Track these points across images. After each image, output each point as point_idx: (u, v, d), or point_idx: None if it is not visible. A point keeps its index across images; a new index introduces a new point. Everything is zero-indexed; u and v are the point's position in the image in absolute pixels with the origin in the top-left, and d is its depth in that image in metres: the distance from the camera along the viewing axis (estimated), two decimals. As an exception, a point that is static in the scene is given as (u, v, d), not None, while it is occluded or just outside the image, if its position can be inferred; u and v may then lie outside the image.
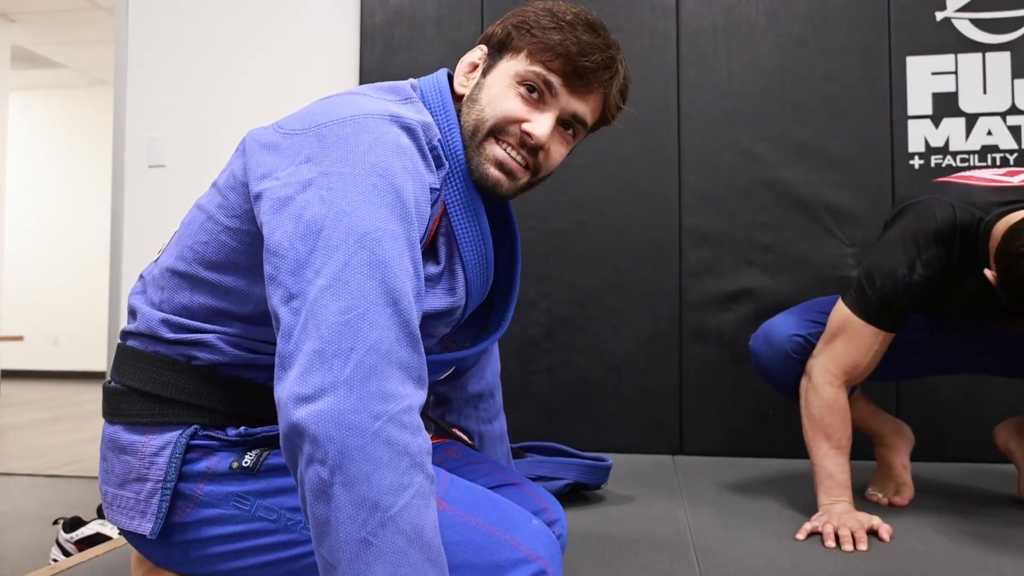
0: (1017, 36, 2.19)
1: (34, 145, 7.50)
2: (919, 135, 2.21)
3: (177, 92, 2.69)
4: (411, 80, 1.01)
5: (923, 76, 2.22)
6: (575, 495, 1.68)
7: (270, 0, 2.65)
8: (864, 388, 1.69)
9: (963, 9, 2.21)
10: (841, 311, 1.46)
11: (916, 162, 2.20)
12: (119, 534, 1.71)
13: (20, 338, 5.34)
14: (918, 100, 2.22)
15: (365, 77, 2.50)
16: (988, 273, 1.29)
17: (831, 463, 1.43)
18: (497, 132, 0.96)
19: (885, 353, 1.47)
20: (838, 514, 1.37)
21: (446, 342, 1.08)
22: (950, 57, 2.21)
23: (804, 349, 1.55)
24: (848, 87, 2.25)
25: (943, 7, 2.22)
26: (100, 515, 1.80)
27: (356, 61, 2.53)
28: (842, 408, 1.45)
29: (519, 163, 0.97)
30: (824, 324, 1.52)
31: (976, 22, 2.21)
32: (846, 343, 1.44)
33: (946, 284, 1.41)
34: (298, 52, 2.61)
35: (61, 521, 1.77)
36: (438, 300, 0.95)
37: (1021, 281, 1.21)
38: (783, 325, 1.61)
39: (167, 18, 2.71)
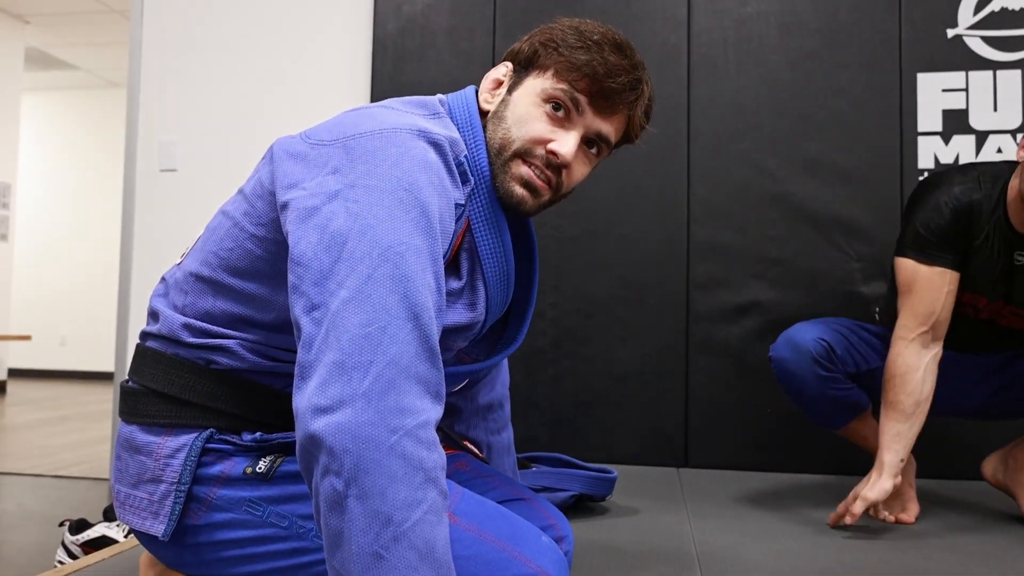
0: (1027, 54, 2.19)
1: (46, 145, 7.55)
2: (929, 152, 2.21)
3: (189, 97, 2.71)
4: (439, 95, 1.02)
5: (934, 93, 2.22)
6: (580, 506, 1.68)
7: (284, 8, 2.67)
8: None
9: (974, 27, 2.22)
10: (906, 267, 1.53)
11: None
12: (126, 536, 1.72)
13: (28, 337, 5.37)
14: (928, 117, 2.22)
15: (377, 85, 2.51)
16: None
17: (882, 424, 1.52)
18: (524, 154, 0.96)
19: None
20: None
21: (461, 355, 1.09)
22: (961, 74, 2.21)
23: (829, 356, 1.59)
24: (858, 103, 2.25)
25: (954, 24, 2.23)
26: (106, 517, 1.81)
27: (368, 69, 2.55)
28: (905, 365, 1.49)
29: (543, 181, 0.97)
30: (845, 337, 1.60)
31: (987, 40, 2.21)
32: (919, 294, 1.50)
33: (978, 220, 1.49)
34: (311, 59, 2.63)
35: (67, 523, 1.78)
36: (459, 315, 0.95)
37: None
38: (807, 331, 1.64)
39: (181, 23, 2.74)
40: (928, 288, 1.50)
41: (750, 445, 2.24)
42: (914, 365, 1.50)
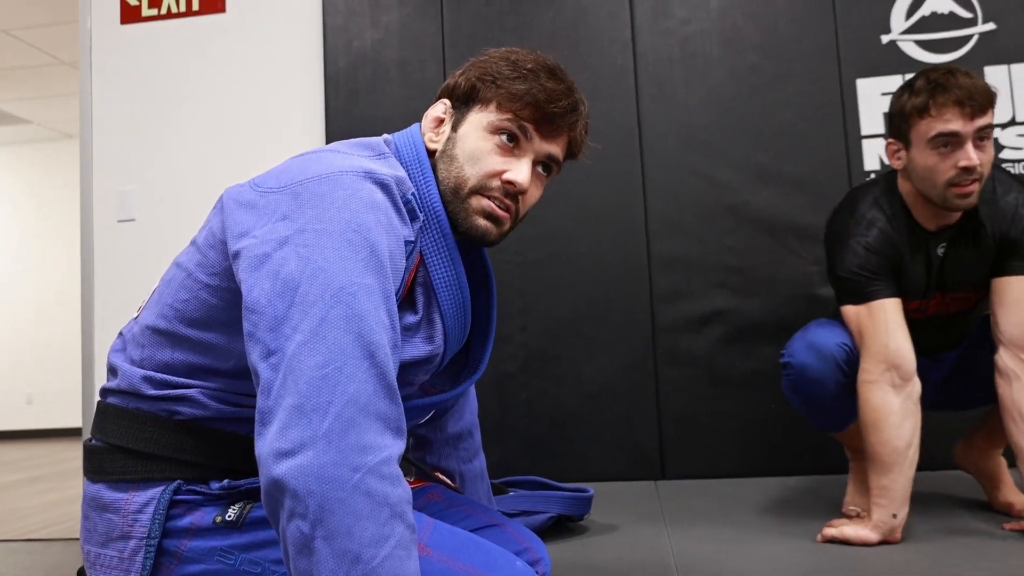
0: (961, 55, 2.27)
1: (2, 202, 7.42)
2: (873, 154, 2.28)
3: (144, 145, 2.70)
4: (385, 136, 1.04)
5: (874, 97, 2.30)
6: (559, 527, 1.68)
7: (234, 50, 2.68)
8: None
9: (907, 31, 2.30)
10: (848, 314, 1.53)
11: (872, 180, 2.27)
12: (102, 596, 1.68)
13: (-8, 398, 5.23)
14: (870, 120, 2.29)
15: (331, 121, 2.53)
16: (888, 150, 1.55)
17: (869, 478, 1.48)
18: (480, 190, 0.98)
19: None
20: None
21: (425, 387, 1.09)
22: (898, 77, 2.29)
23: (850, 361, 1.55)
24: (802, 111, 2.32)
25: (888, 31, 2.31)
26: (81, 577, 1.78)
27: (321, 106, 2.56)
28: (874, 411, 1.45)
29: (504, 210, 0.99)
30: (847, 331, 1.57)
31: (921, 43, 2.30)
32: (869, 334, 1.49)
33: (896, 242, 1.53)
34: (264, 101, 2.63)
35: (41, 586, 1.74)
36: (417, 349, 0.96)
37: (898, 103, 1.50)
38: (828, 335, 1.58)
39: (130, 72, 2.73)
40: (873, 326, 1.48)
41: (725, 452, 2.27)
42: (884, 409, 1.44)
